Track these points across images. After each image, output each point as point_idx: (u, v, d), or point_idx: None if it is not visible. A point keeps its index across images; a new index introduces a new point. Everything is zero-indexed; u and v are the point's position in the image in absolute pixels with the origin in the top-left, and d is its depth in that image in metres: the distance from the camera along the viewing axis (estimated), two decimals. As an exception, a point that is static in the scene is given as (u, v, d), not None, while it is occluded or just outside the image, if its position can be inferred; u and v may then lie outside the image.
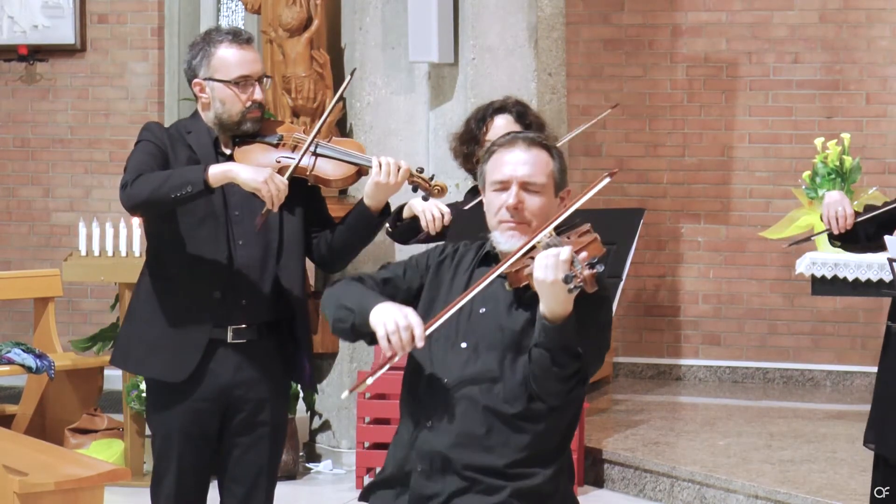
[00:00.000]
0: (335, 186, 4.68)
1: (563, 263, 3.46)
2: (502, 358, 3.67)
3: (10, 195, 9.79)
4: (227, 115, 4.54)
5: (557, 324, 3.52)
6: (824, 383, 9.29)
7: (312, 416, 7.89)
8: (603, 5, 9.58)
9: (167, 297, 4.56)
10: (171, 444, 4.62)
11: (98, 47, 9.64)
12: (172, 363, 4.55)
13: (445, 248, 3.91)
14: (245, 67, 4.52)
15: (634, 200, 9.38)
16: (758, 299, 9.41)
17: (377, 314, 3.62)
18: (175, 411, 4.59)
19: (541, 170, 3.75)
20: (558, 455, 3.75)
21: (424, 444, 3.70)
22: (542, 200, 3.74)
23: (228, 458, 4.67)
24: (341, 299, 3.76)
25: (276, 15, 7.80)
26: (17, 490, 4.97)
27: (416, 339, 3.57)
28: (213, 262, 4.51)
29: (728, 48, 9.46)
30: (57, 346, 7.95)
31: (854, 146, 7.98)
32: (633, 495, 7.22)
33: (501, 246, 3.72)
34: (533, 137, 3.80)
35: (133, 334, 4.66)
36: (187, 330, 4.53)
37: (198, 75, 4.56)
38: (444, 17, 7.48)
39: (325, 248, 4.66)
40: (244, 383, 4.59)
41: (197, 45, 4.58)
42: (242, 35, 4.57)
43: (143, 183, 4.38)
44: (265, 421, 4.64)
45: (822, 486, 6.59)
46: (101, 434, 7.63)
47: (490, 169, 3.78)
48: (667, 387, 9.34)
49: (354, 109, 7.82)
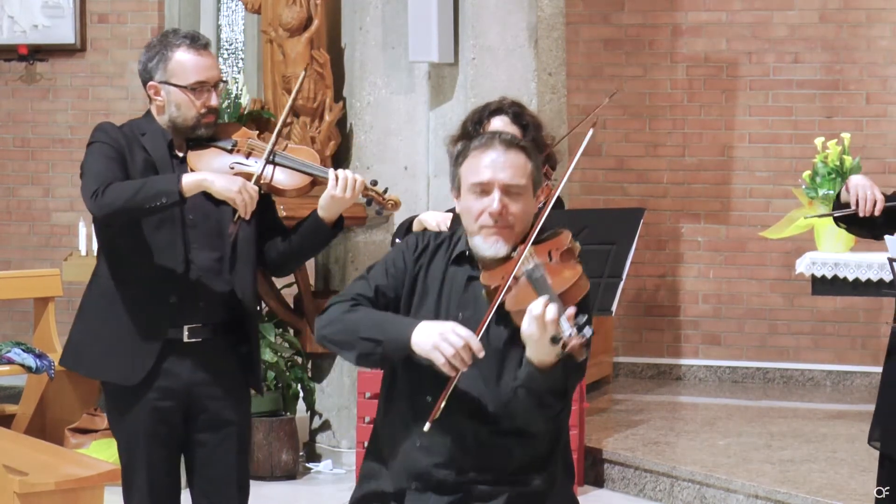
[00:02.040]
0: (289, 196, 4.65)
1: (551, 324, 3.39)
2: (487, 374, 3.63)
3: (10, 195, 9.80)
4: (181, 119, 4.53)
5: (544, 371, 3.48)
6: (824, 383, 9.29)
7: (312, 415, 7.89)
8: (603, 5, 9.58)
9: (122, 299, 4.53)
10: (138, 445, 4.59)
11: (98, 47, 9.65)
12: (127, 366, 4.53)
13: (417, 243, 3.82)
14: (201, 73, 4.50)
15: (634, 200, 9.38)
16: (758, 299, 9.41)
17: (423, 341, 3.53)
18: (137, 413, 4.57)
19: (521, 172, 3.68)
20: (551, 457, 3.74)
21: (415, 463, 3.67)
22: (524, 203, 3.68)
23: (195, 459, 4.66)
24: (359, 332, 3.64)
25: (276, 15, 7.80)
26: (18, 490, 4.97)
27: (477, 352, 3.51)
28: (169, 267, 4.51)
29: (728, 48, 9.46)
30: (57, 345, 7.96)
31: (854, 146, 7.98)
32: (633, 495, 7.22)
33: (484, 252, 3.66)
34: (509, 139, 3.73)
35: (85, 336, 4.64)
36: (142, 333, 4.52)
37: (153, 78, 4.54)
38: (444, 16, 7.48)
39: (275, 254, 4.67)
40: (203, 381, 4.58)
41: (154, 48, 4.56)
42: (200, 40, 4.55)
43: (114, 192, 4.37)
44: (230, 420, 4.63)
45: (822, 485, 6.59)
46: (101, 434, 7.63)
47: (467, 171, 3.70)
48: (667, 387, 9.34)
49: (354, 109, 7.82)
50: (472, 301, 3.68)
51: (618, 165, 9.57)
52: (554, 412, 3.56)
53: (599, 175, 9.55)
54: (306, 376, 7.66)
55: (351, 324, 3.67)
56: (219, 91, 4.56)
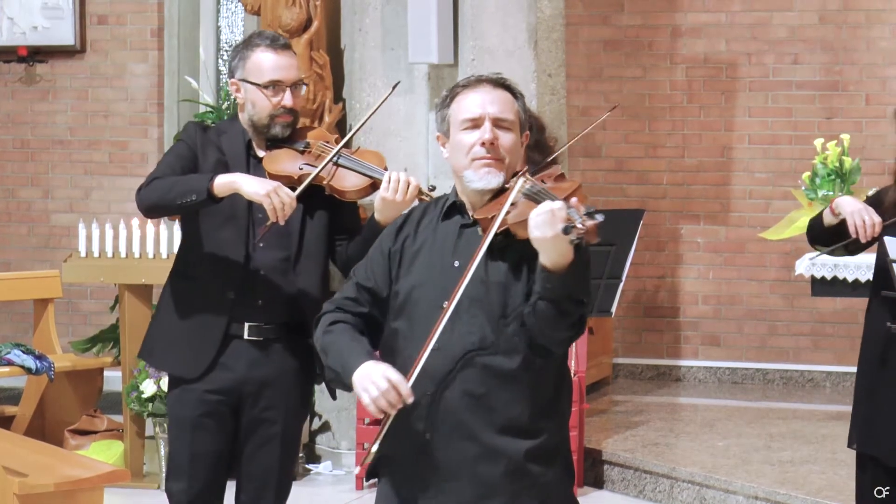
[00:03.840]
0: (349, 198, 4.68)
1: (560, 212, 3.42)
2: (490, 313, 3.62)
3: (9, 196, 9.79)
4: (257, 117, 4.65)
5: (561, 273, 3.48)
6: (824, 384, 9.29)
7: (312, 417, 7.89)
8: (603, 6, 9.58)
9: (185, 295, 4.68)
10: (184, 433, 4.69)
11: (98, 48, 9.64)
12: (189, 359, 4.66)
13: (399, 220, 3.85)
14: (277, 72, 4.62)
15: (634, 201, 9.38)
16: (757, 300, 9.41)
17: (357, 382, 3.58)
18: (187, 402, 4.68)
19: (509, 107, 3.72)
20: (556, 404, 3.72)
21: (429, 413, 3.65)
22: (514, 137, 3.71)
23: (241, 455, 4.72)
24: (328, 359, 3.72)
25: (276, 16, 7.80)
26: (17, 491, 4.97)
27: (405, 397, 3.53)
28: (229, 263, 4.60)
29: (728, 49, 9.46)
30: (57, 347, 7.96)
31: (854, 147, 7.98)
32: (633, 496, 7.22)
33: (476, 184, 3.67)
34: (496, 79, 3.77)
35: (155, 331, 4.81)
36: (203, 327, 4.63)
37: (234, 75, 4.69)
38: (443, 18, 7.48)
39: (345, 257, 4.72)
40: (257, 380, 4.65)
41: (237, 47, 4.73)
42: (280, 41, 4.68)
43: (154, 187, 4.55)
44: (275, 420, 4.68)
45: (821, 486, 6.59)
46: (100, 435, 7.64)
47: (456, 110, 3.72)
48: (666, 388, 9.34)
49: (354, 111, 7.83)
50: (465, 246, 3.68)
51: (617, 166, 9.57)
52: (574, 318, 3.55)
53: (599, 176, 9.55)
54: (306, 377, 7.66)
55: (325, 347, 3.75)
56: (297, 92, 4.65)
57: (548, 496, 3.70)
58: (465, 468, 3.64)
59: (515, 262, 3.62)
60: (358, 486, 7.34)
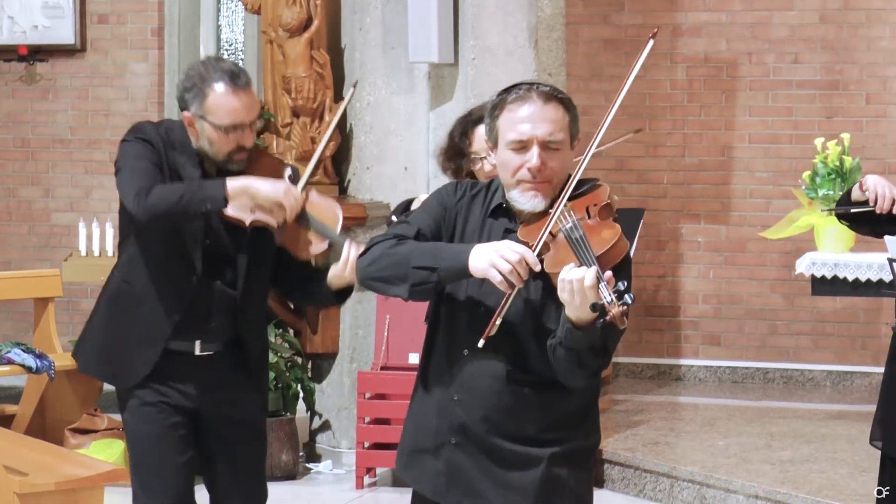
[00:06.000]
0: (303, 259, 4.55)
1: (590, 290, 3.37)
2: (524, 327, 3.60)
3: (10, 195, 9.79)
4: (213, 152, 4.43)
5: (583, 328, 3.45)
6: (824, 383, 9.29)
7: (312, 416, 7.89)
8: (603, 5, 9.58)
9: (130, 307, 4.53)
10: (147, 446, 4.55)
11: (98, 47, 9.65)
12: (123, 370, 4.53)
13: (456, 190, 3.77)
14: (237, 117, 4.38)
15: (634, 200, 9.37)
16: (758, 299, 9.41)
17: (479, 261, 3.50)
18: (143, 416, 4.54)
19: (559, 126, 3.66)
20: (589, 411, 3.71)
21: (454, 417, 3.65)
22: (562, 157, 3.66)
23: (210, 460, 4.64)
24: (411, 262, 3.59)
25: (277, 15, 7.80)
26: (18, 490, 4.98)
27: (533, 266, 3.48)
28: (179, 280, 4.47)
29: (728, 48, 9.46)
30: (57, 346, 7.96)
31: (854, 146, 7.98)
32: (633, 495, 7.22)
33: (523, 206, 3.63)
34: (547, 91, 3.69)
35: (91, 333, 4.64)
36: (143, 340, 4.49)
37: (189, 109, 4.42)
38: (444, 17, 7.48)
39: (288, 288, 4.69)
40: (213, 387, 4.55)
41: (192, 78, 4.44)
42: (240, 79, 4.40)
43: (159, 195, 4.31)
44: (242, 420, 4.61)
45: (822, 486, 6.59)
46: (101, 434, 7.63)
47: (505, 126, 3.64)
48: (667, 387, 9.34)
49: (354, 110, 7.82)
50: None
51: (618, 166, 9.57)
52: (593, 370, 3.54)
53: (599, 175, 9.51)
54: (306, 377, 7.66)
55: (401, 256, 3.63)
56: (254, 127, 4.46)
57: (578, 501, 3.70)
58: (494, 474, 3.64)
59: (552, 285, 3.53)
60: (358, 485, 7.34)
